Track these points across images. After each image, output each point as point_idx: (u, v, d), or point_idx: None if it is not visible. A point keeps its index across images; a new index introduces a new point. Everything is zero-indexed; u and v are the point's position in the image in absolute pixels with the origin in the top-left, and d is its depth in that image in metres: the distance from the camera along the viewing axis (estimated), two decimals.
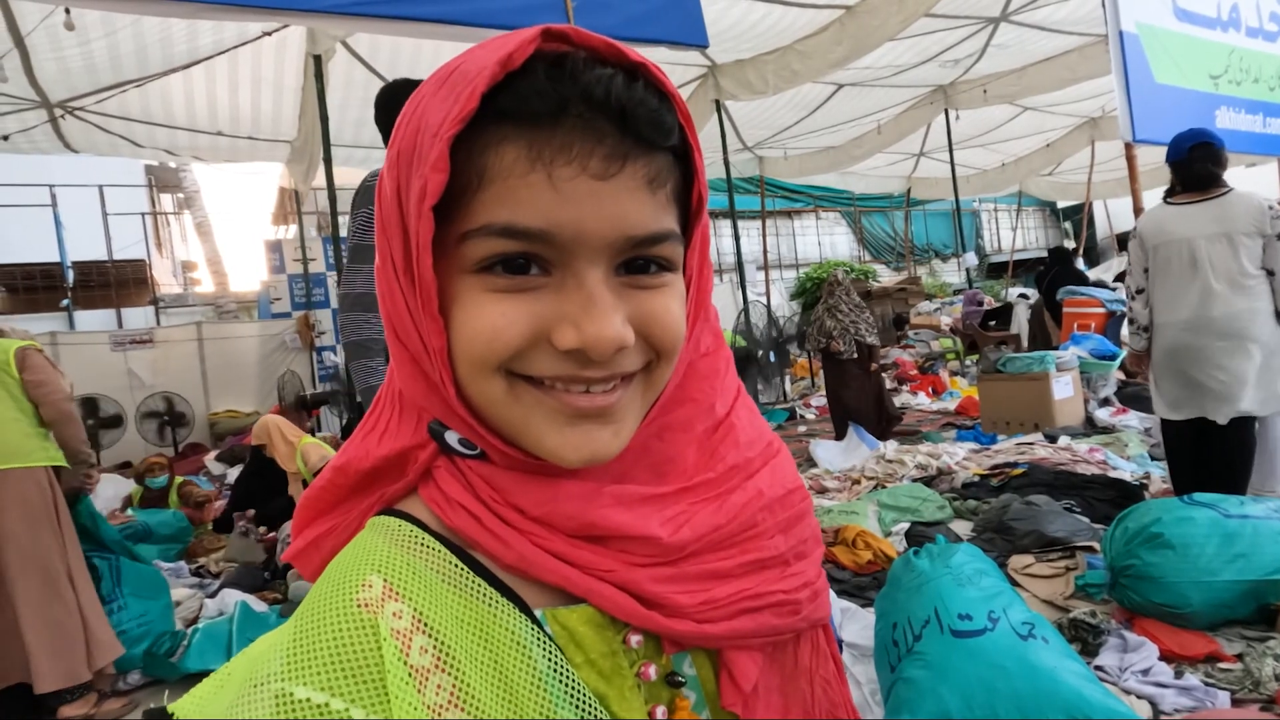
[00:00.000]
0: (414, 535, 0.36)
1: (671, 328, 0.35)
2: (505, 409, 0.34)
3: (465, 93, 0.31)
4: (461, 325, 0.33)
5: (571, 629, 0.35)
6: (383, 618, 0.31)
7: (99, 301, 8.86)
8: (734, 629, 0.37)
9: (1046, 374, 4.83)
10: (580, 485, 0.37)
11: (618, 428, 0.35)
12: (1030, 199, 14.44)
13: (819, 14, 5.20)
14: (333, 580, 0.33)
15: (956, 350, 8.52)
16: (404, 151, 0.34)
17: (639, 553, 0.36)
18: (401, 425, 0.39)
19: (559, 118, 0.32)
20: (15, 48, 4.00)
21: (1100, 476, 3.49)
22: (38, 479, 2.33)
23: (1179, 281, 2.63)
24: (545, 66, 0.32)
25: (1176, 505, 2.18)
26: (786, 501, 0.41)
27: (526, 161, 0.32)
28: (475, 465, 0.37)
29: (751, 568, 0.38)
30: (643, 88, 0.33)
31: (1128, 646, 1.98)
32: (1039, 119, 8.83)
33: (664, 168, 0.34)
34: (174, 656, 2.55)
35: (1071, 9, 5.85)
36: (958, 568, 1.77)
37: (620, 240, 0.33)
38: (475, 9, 2.27)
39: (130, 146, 5.66)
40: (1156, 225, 2.70)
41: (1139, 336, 2.79)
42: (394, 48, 4.85)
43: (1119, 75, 4.25)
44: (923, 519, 3.28)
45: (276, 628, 0.35)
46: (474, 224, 0.32)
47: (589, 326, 0.32)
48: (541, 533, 0.36)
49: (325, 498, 0.41)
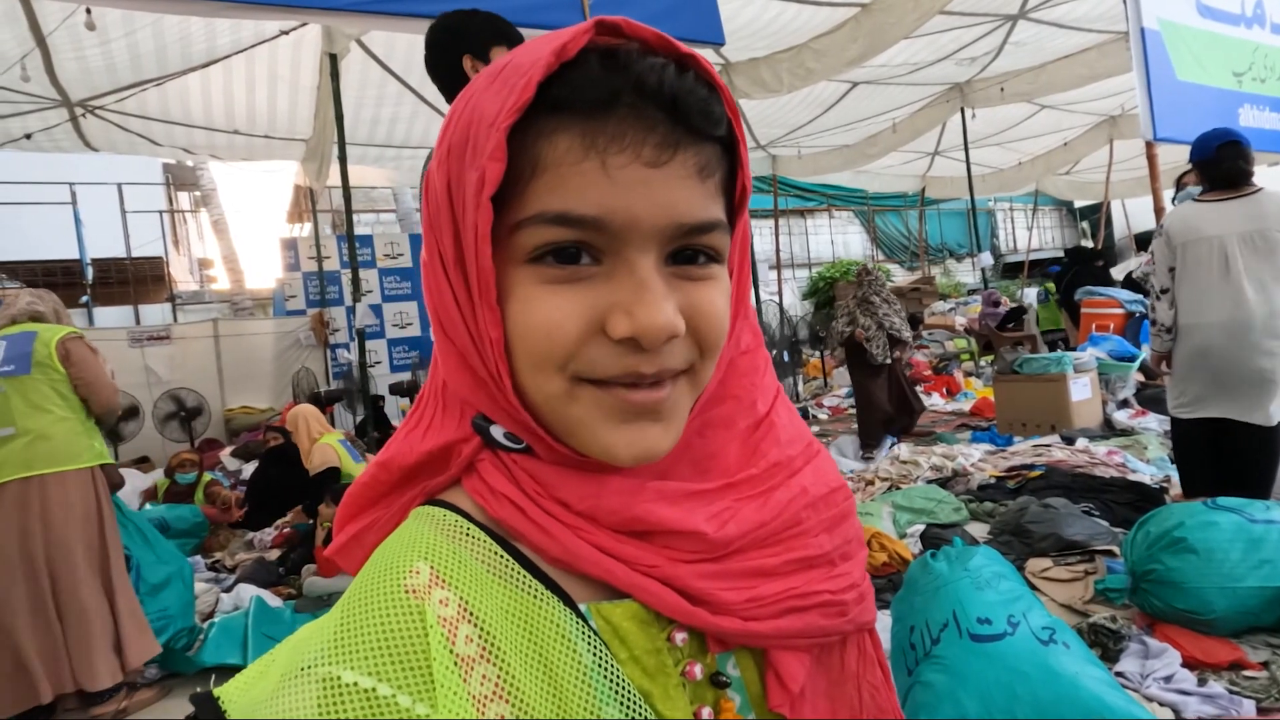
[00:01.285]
0: (459, 525, 0.36)
1: (717, 321, 0.35)
2: (562, 406, 0.34)
3: (520, 83, 0.32)
4: (518, 318, 0.34)
5: (616, 624, 0.35)
6: (429, 604, 0.31)
7: (117, 298, 8.97)
8: (780, 628, 0.37)
9: (1064, 375, 4.77)
10: (624, 480, 0.36)
11: (667, 425, 0.35)
12: (1047, 198, 14.27)
13: (835, 12, 5.16)
14: (379, 567, 0.33)
15: (971, 351, 8.44)
16: (455, 146, 0.35)
17: (684, 548, 0.36)
18: (445, 420, 0.39)
19: (611, 107, 0.32)
20: (37, 47, 4.05)
21: (1119, 479, 3.45)
22: (85, 480, 2.33)
23: (1211, 281, 2.56)
24: (599, 57, 0.32)
25: (1200, 509, 2.14)
26: (830, 500, 0.41)
27: (580, 150, 0.32)
28: (520, 459, 0.37)
29: (797, 566, 0.38)
30: (693, 78, 0.33)
31: (1149, 653, 1.95)
32: (1056, 117, 8.72)
33: (713, 158, 0.35)
34: (190, 651, 2.58)
35: (1091, 6, 5.77)
36: (976, 570, 1.75)
37: (671, 228, 0.33)
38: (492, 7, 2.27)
39: (149, 145, 5.72)
40: (1185, 223, 2.63)
41: (1162, 338, 2.73)
42: (409, 47, 4.86)
43: (1140, 72, 4.18)
44: (938, 521, 3.25)
45: (318, 618, 0.35)
46: (527, 213, 0.33)
47: (641, 313, 0.32)
48: (586, 527, 0.36)
49: (367, 494, 0.41)
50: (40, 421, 2.28)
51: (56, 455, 2.28)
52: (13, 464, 2.24)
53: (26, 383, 2.30)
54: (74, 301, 8.50)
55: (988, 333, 7.90)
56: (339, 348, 7.66)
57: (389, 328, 7.97)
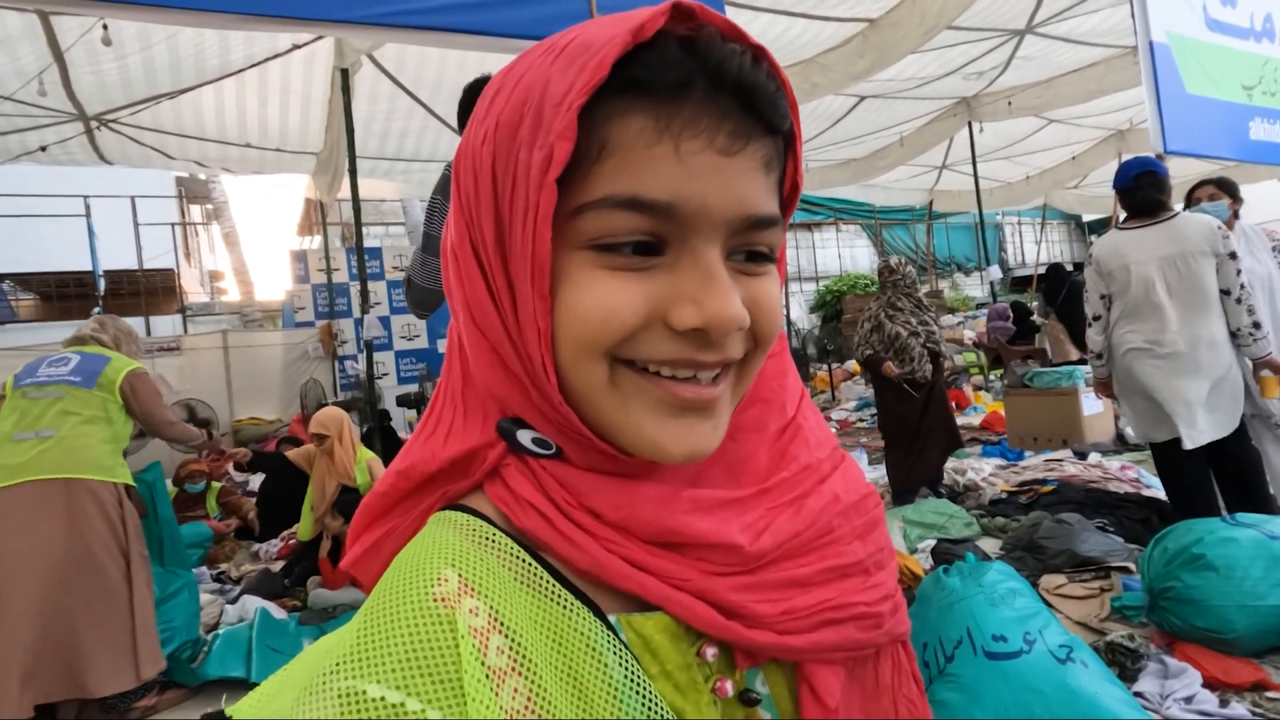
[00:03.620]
0: (484, 531, 0.34)
1: (775, 314, 0.35)
2: (605, 396, 0.33)
3: (593, 61, 0.31)
4: (571, 305, 0.32)
5: (647, 637, 0.34)
6: (460, 614, 0.29)
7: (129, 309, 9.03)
8: (816, 641, 0.35)
9: (1075, 389, 4.72)
10: (658, 489, 0.35)
11: (716, 422, 0.34)
12: (1055, 212, 14.23)
13: (842, 27, 5.18)
14: (404, 574, 0.31)
15: (980, 364, 8.39)
16: (507, 122, 0.33)
17: (717, 561, 0.35)
18: (468, 424, 0.37)
19: (686, 92, 0.31)
20: (55, 62, 4.11)
21: (1134, 495, 3.40)
22: (112, 493, 2.37)
23: (1137, 305, 2.62)
24: (677, 40, 0.31)
25: (1219, 525, 2.11)
26: (861, 507, 0.40)
27: (653, 133, 0.31)
28: (548, 465, 0.35)
29: (831, 575, 0.37)
30: (765, 70, 0.33)
31: (1169, 672, 1.90)
32: (1065, 131, 8.72)
33: (775, 153, 0.34)
34: (195, 662, 2.56)
35: (1099, 20, 5.78)
36: (990, 587, 1.72)
37: (739, 219, 0.32)
38: (501, 19, 2.29)
39: (162, 158, 5.78)
40: (1112, 250, 2.71)
41: (1096, 365, 2.79)
42: (420, 61, 4.91)
43: (1149, 86, 4.17)
44: (949, 536, 3.21)
45: (334, 630, 0.33)
46: (592, 196, 0.31)
47: (711, 304, 0.31)
48: (617, 538, 0.34)
49: (384, 503, 0.40)
50: (82, 432, 2.36)
51: (89, 464, 2.34)
52: (47, 464, 2.28)
53: (84, 396, 2.40)
54: (86, 312, 8.57)
55: (997, 346, 7.85)
56: (347, 359, 7.69)
57: (396, 339, 7.99)
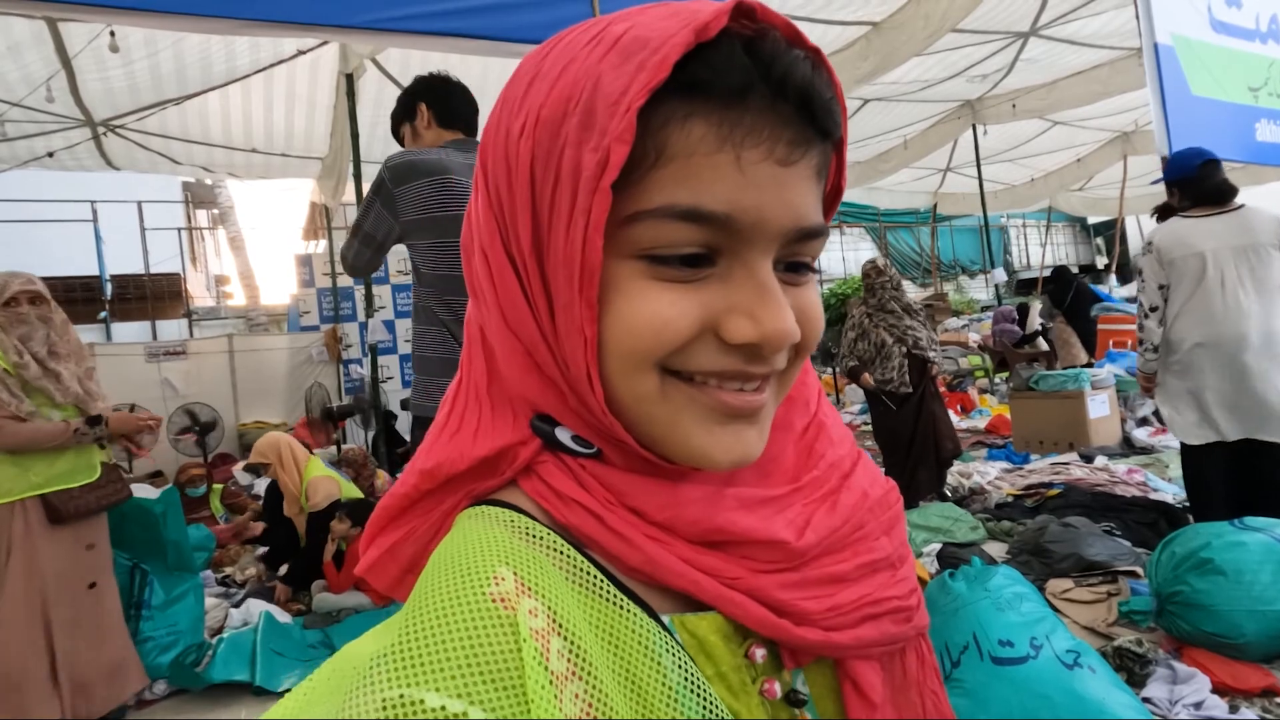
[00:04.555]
0: (531, 527, 0.33)
1: (819, 324, 0.35)
2: (654, 407, 0.32)
3: (654, 60, 0.29)
4: (622, 315, 0.31)
5: (702, 638, 0.33)
6: (520, 615, 0.27)
7: (135, 314, 9.08)
8: (859, 637, 0.35)
9: (1081, 392, 4.70)
10: (701, 488, 0.34)
11: (761, 428, 0.34)
12: (1060, 214, 14.19)
13: (845, 30, 5.18)
14: (454, 572, 0.29)
15: (985, 367, 8.35)
16: (550, 118, 0.31)
17: (764, 558, 0.34)
18: (497, 421, 0.36)
19: (748, 97, 0.30)
20: (63, 69, 4.14)
21: (1141, 499, 3.38)
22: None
23: (1206, 296, 2.52)
24: (742, 42, 0.30)
25: (1227, 529, 2.09)
26: (885, 501, 0.40)
27: (715, 140, 0.30)
28: (588, 464, 0.34)
29: (866, 570, 0.37)
30: (823, 76, 0.32)
31: (1178, 678, 1.89)
32: (1069, 133, 8.70)
33: (825, 159, 0.33)
34: (199, 667, 2.56)
35: (1103, 23, 5.77)
36: (997, 591, 1.71)
37: (793, 230, 0.32)
38: (502, 24, 2.30)
39: (169, 164, 5.82)
40: (1176, 239, 2.59)
41: (1147, 357, 2.68)
42: (423, 66, 4.89)
43: (1154, 88, 4.15)
44: (955, 540, 3.20)
45: (363, 634, 0.31)
46: (649, 204, 0.30)
47: (767, 319, 0.31)
48: (663, 537, 0.33)
49: (404, 504, 0.37)
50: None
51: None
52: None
53: None
54: (93, 317, 8.62)
55: (1002, 349, 7.82)
56: (352, 363, 7.70)
57: (401, 343, 8.01)
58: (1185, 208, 2.66)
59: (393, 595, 0.39)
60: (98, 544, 2.34)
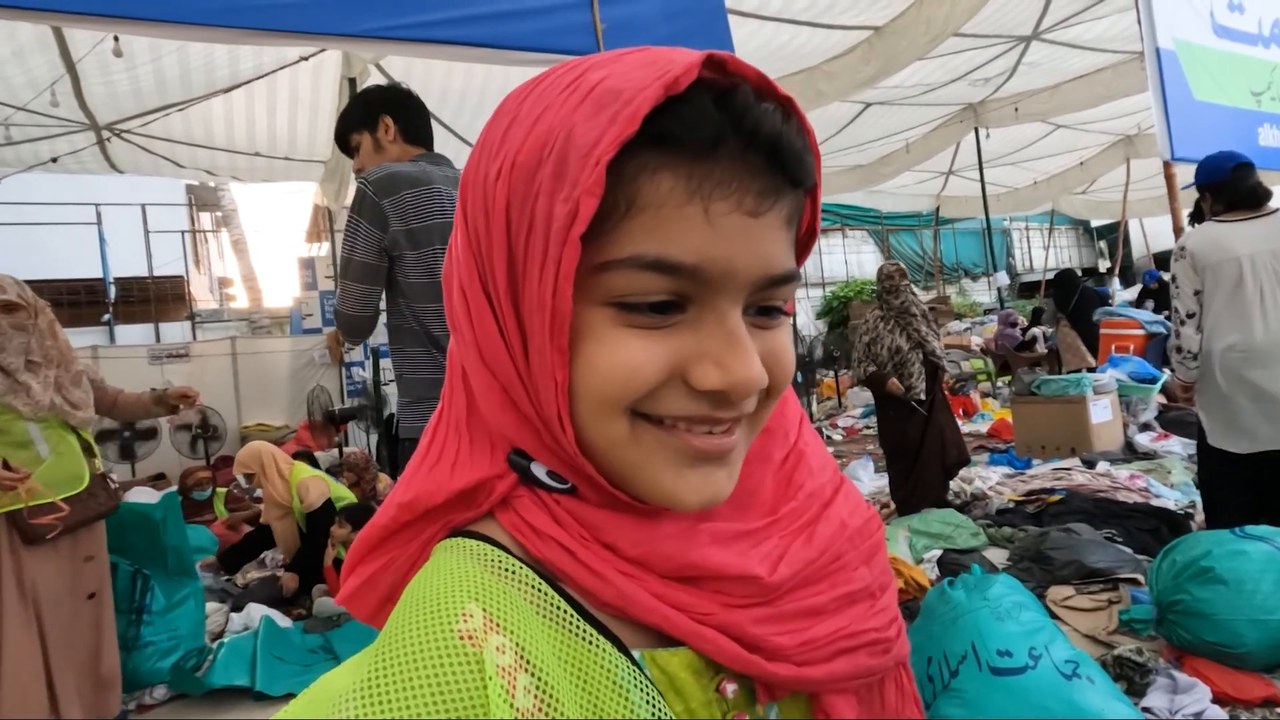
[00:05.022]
0: (503, 561, 0.33)
1: (789, 367, 0.35)
2: (624, 450, 0.33)
3: (625, 113, 0.29)
4: (593, 361, 0.31)
5: (672, 674, 0.33)
6: (487, 652, 0.27)
7: (139, 316, 9.11)
8: (833, 671, 0.35)
9: (1084, 397, 4.69)
10: (675, 524, 0.35)
11: (731, 469, 0.34)
12: (1063, 218, 14.18)
13: (847, 35, 5.18)
14: (423, 607, 0.29)
15: (988, 371, 8.34)
16: (524, 165, 0.32)
17: (737, 593, 0.34)
18: (475, 454, 0.36)
19: (717, 150, 0.30)
20: (67, 73, 4.17)
21: (1143, 505, 3.37)
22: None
23: (1243, 302, 2.45)
24: (713, 95, 0.31)
25: (1228, 538, 2.08)
26: (865, 530, 0.40)
27: (684, 193, 0.30)
28: (562, 500, 0.35)
29: (843, 602, 0.37)
30: (795, 126, 0.32)
31: (1178, 687, 1.88)
32: (1072, 137, 8.69)
33: (797, 206, 0.34)
34: (199, 671, 2.57)
35: (1105, 27, 5.77)
36: (996, 600, 1.71)
37: (762, 278, 0.32)
38: (506, 33, 2.30)
39: (173, 167, 5.84)
40: (1212, 244, 2.52)
41: (1187, 366, 2.59)
42: (425, 72, 4.94)
43: (1156, 93, 4.15)
44: (956, 546, 3.19)
45: (335, 667, 0.32)
46: (618, 254, 0.31)
47: (736, 367, 0.31)
48: (636, 573, 0.34)
49: (383, 535, 0.38)
50: None
51: None
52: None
53: None
54: (97, 319, 8.65)
55: (1004, 353, 7.81)
56: (353, 366, 7.72)
57: None
58: (1218, 212, 2.59)
59: (371, 624, 0.39)
60: (97, 555, 2.30)
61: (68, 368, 2.27)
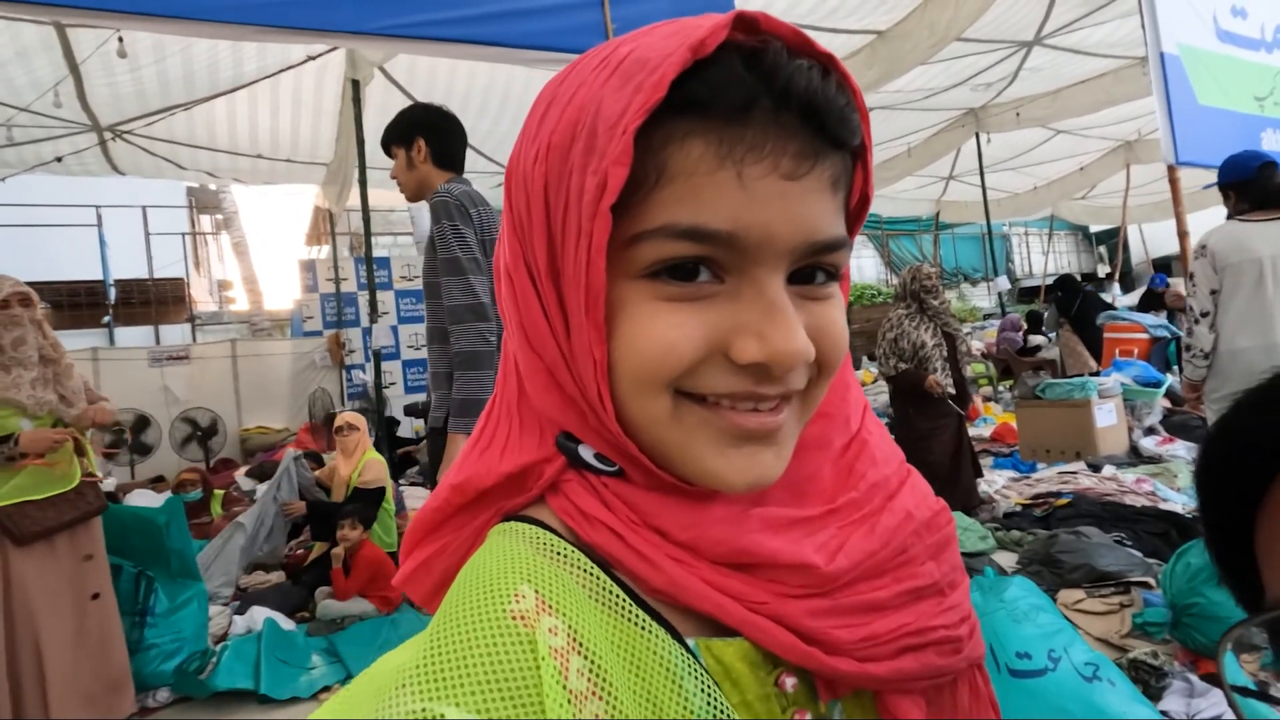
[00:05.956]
0: (555, 544, 0.33)
1: (840, 341, 0.33)
2: (666, 429, 0.32)
3: (650, 80, 0.29)
4: (629, 337, 0.31)
5: (728, 665, 0.32)
6: (539, 633, 0.27)
7: (139, 318, 9.09)
8: (898, 669, 0.33)
9: (1088, 401, 4.68)
10: (726, 508, 0.33)
11: (780, 449, 0.33)
12: (1063, 223, 14.21)
13: (850, 39, 5.20)
14: (477, 589, 0.29)
15: (989, 375, 8.34)
16: (558, 143, 0.31)
17: (791, 582, 0.33)
18: (524, 438, 0.36)
19: (749, 112, 0.29)
20: (70, 74, 4.15)
21: (1151, 509, 3.36)
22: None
23: (1264, 302, 2.43)
24: (742, 56, 0.29)
25: None
26: (934, 524, 0.38)
27: (715, 158, 0.29)
28: (611, 483, 0.34)
29: (908, 598, 0.35)
30: (835, 84, 0.31)
31: (1195, 691, 1.86)
32: (1072, 142, 8.71)
33: (844, 169, 0.32)
34: (203, 674, 2.55)
35: (1107, 32, 5.79)
36: (1013, 602, 1.69)
37: (804, 245, 0.31)
38: (514, 31, 2.30)
39: (174, 169, 5.83)
40: (1234, 243, 2.50)
41: (1196, 364, 2.58)
42: (430, 74, 4.94)
43: (1160, 97, 4.16)
44: (964, 549, 3.17)
45: (395, 648, 0.31)
46: (650, 224, 0.30)
47: (775, 338, 0.30)
48: (686, 558, 0.32)
49: (437, 518, 0.38)
50: None
51: None
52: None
53: None
54: (97, 321, 8.62)
55: (1007, 357, 7.82)
56: (354, 369, 7.70)
57: (404, 349, 8.00)
58: (1242, 211, 2.57)
59: (427, 607, 0.39)
60: (96, 554, 2.29)
61: (59, 363, 2.30)
